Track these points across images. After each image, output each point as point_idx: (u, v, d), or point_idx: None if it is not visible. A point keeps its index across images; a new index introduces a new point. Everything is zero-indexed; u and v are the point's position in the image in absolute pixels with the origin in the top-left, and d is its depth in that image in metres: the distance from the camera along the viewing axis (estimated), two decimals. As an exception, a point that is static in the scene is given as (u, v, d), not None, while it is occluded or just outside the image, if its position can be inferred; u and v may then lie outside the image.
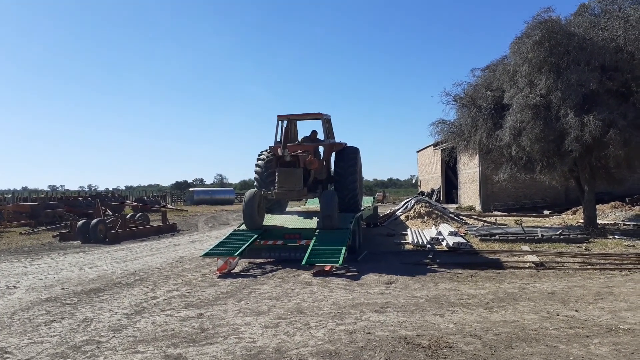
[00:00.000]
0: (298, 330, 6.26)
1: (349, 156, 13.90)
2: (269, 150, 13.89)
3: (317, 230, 11.70)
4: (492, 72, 17.48)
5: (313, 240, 11.25)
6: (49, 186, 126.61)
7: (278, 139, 13.50)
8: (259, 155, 14.07)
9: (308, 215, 13.23)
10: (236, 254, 10.62)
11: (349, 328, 6.31)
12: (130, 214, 26.65)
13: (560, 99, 14.07)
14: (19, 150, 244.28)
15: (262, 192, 12.42)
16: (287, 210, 14.84)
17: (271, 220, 12.84)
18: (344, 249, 10.67)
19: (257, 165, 13.82)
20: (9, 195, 45.74)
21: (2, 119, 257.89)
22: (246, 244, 11.23)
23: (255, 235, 11.73)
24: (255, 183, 13.92)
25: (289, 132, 13.59)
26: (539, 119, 14.43)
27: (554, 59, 14.35)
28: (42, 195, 44.67)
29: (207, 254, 10.83)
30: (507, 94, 15.63)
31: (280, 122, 13.74)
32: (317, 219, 12.14)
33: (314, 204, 15.17)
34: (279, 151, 12.54)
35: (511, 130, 15.09)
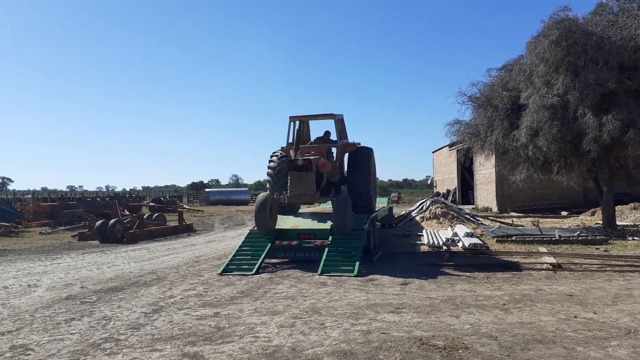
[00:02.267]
0: (313, 330, 6.29)
1: (363, 157, 13.76)
2: (281, 152, 13.78)
3: (331, 236, 11.57)
4: (508, 72, 17.32)
5: (327, 249, 11.16)
6: (68, 187, 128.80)
7: (290, 140, 13.42)
8: (271, 156, 13.96)
9: (322, 215, 13.21)
10: (252, 272, 10.58)
11: (364, 328, 6.32)
12: (147, 214, 26.98)
13: (577, 99, 13.90)
14: (39, 152, 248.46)
15: (275, 196, 12.27)
16: (300, 211, 14.82)
17: (285, 221, 12.83)
18: (357, 262, 10.57)
19: (269, 168, 13.70)
20: (29, 196, 46.62)
21: (23, 122, 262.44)
22: (261, 257, 11.20)
23: (269, 244, 11.66)
24: (267, 185, 13.85)
25: (301, 133, 13.54)
26: (556, 119, 14.26)
27: (571, 59, 14.17)
28: (61, 196, 45.38)
29: (223, 271, 10.79)
30: (524, 94, 15.48)
31: (292, 123, 13.63)
32: (331, 221, 12.04)
33: (327, 205, 15.17)
34: (291, 153, 12.49)
35: (528, 131, 14.94)
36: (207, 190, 65.86)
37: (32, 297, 8.69)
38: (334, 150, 13.89)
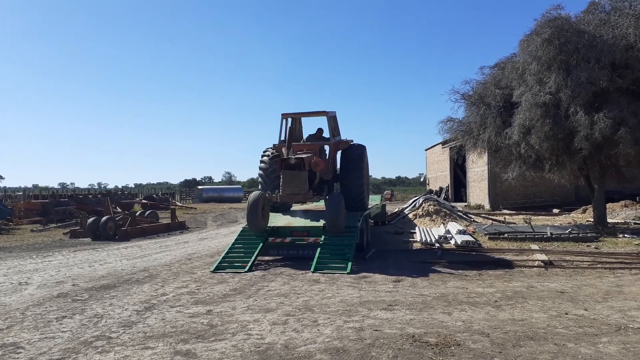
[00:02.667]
0: (306, 327, 6.29)
1: (355, 154, 13.70)
2: (272, 151, 13.56)
3: (324, 235, 11.53)
4: (501, 70, 17.39)
5: (320, 247, 11.14)
6: (59, 184, 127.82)
7: (282, 138, 13.29)
8: (263, 154, 13.74)
9: (315, 213, 13.19)
10: (245, 270, 10.54)
11: (357, 325, 6.33)
12: (139, 212, 26.84)
13: (569, 97, 13.98)
14: (30, 149, 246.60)
15: (267, 195, 12.06)
16: (293, 209, 14.78)
17: (278, 218, 12.79)
18: (350, 260, 10.56)
19: (260, 168, 13.45)
20: (20, 193, 46.25)
21: (15, 119, 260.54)
22: (254, 255, 11.17)
23: (262, 242, 11.62)
24: (259, 186, 13.58)
25: (294, 131, 13.27)
26: (548, 117, 14.34)
27: (563, 57, 14.24)
28: (53, 193, 45.06)
29: (216, 269, 10.76)
30: (516, 92, 15.55)
31: (284, 120, 13.48)
32: (324, 219, 11.98)
33: (321, 203, 15.14)
34: (284, 151, 12.33)
35: (520, 129, 15.02)
36: (199, 187, 65.71)
37: (23, 295, 8.62)
38: (326, 148, 13.81)
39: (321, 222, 11.93)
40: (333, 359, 5.15)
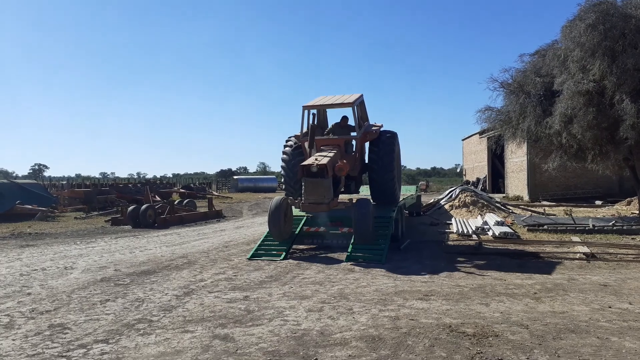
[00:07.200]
0: (341, 315, 6.32)
1: (386, 144, 12.85)
2: (294, 142, 13.07)
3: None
4: (541, 58, 16.87)
5: (354, 236, 11.03)
6: (101, 173, 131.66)
7: (304, 130, 12.67)
8: (286, 143, 13.34)
9: (347, 203, 13.10)
10: (281, 258, 10.62)
11: (392, 314, 6.32)
12: (177, 201, 27.44)
13: (615, 85, 13.45)
14: (73, 140, 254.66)
15: (289, 200, 11.35)
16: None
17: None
18: (385, 250, 10.47)
19: (283, 157, 13.15)
20: (64, 182, 47.91)
21: (59, 112, 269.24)
22: (289, 243, 11.24)
23: (297, 231, 11.62)
24: (282, 177, 13.14)
25: (317, 122, 12.43)
26: (591, 105, 13.86)
27: (608, 43, 13.69)
28: (95, 182, 46.49)
29: (252, 256, 10.89)
30: (558, 80, 15.06)
31: (305, 112, 12.64)
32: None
33: (356, 194, 15.01)
34: (306, 147, 11.90)
35: (561, 118, 14.56)
36: (235, 177, 66.70)
37: (68, 278, 8.96)
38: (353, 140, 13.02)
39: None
40: (369, 346, 5.17)
